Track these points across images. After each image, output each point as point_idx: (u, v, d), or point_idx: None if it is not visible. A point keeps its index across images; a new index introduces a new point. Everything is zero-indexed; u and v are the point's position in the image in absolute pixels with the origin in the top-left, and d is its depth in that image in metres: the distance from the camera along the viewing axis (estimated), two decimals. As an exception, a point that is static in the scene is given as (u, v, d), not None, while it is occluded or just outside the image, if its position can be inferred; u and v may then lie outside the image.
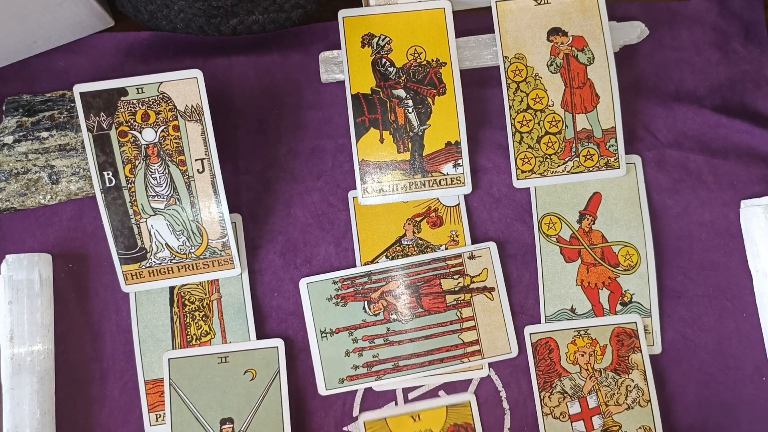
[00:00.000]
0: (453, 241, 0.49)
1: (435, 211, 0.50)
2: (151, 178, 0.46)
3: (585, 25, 0.49)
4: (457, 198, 0.50)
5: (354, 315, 0.48)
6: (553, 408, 0.48)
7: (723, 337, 0.50)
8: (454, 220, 0.50)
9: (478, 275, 0.49)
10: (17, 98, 0.50)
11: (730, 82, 0.53)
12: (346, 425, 0.49)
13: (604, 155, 0.49)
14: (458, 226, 0.50)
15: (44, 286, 0.48)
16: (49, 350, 0.47)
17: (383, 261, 0.49)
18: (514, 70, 0.49)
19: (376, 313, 0.47)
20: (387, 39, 0.49)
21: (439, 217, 0.50)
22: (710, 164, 0.52)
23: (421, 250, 0.49)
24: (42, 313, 0.47)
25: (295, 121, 0.52)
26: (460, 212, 0.50)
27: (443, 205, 0.50)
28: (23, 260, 0.47)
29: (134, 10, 0.49)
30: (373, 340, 0.47)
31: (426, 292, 0.48)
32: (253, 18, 0.49)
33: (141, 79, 0.45)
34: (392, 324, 0.48)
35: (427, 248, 0.49)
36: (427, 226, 0.50)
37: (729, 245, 0.51)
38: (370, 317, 0.48)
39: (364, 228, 0.50)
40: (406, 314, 0.48)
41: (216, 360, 0.48)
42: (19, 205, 0.49)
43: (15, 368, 0.46)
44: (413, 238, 0.49)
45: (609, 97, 0.49)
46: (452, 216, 0.50)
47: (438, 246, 0.49)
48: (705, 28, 0.53)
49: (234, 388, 0.48)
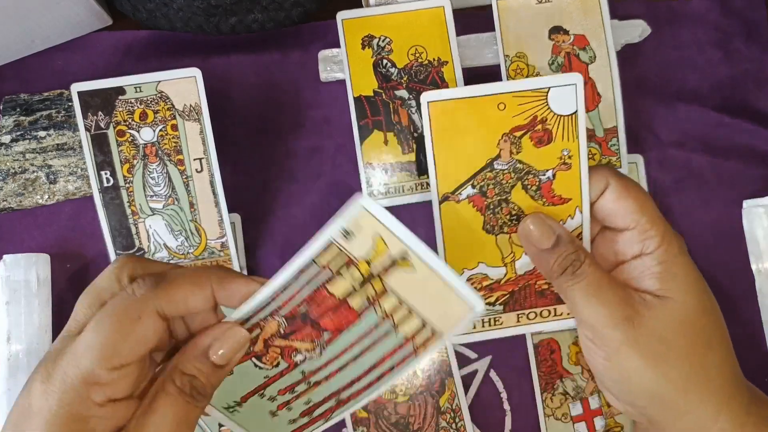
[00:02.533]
0: (564, 164, 0.37)
1: (543, 123, 0.37)
2: (149, 177, 0.46)
3: (586, 24, 0.49)
4: (575, 102, 0.37)
5: (250, 377, 0.36)
6: (555, 409, 0.48)
7: (725, 337, 0.50)
8: (567, 134, 0.37)
9: (372, 252, 0.33)
10: (14, 97, 0.50)
11: (732, 81, 0.52)
12: (345, 427, 0.49)
13: (606, 155, 0.49)
14: (573, 143, 0.37)
15: (42, 287, 0.47)
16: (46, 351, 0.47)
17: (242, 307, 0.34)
18: (515, 69, 0.49)
19: (275, 364, 0.35)
20: (387, 40, 0.49)
21: (547, 131, 0.37)
22: (712, 164, 0.51)
23: (519, 176, 0.37)
24: (39, 313, 0.47)
25: (294, 121, 0.51)
26: (577, 123, 0.37)
27: (554, 113, 0.37)
28: (21, 260, 0.47)
29: (133, 9, 0.49)
30: (293, 389, 0.35)
31: (318, 313, 0.34)
32: (253, 16, 0.49)
33: (139, 78, 0.45)
34: (304, 365, 0.35)
35: (528, 174, 0.37)
36: (531, 143, 0.37)
37: (731, 245, 0.51)
38: (272, 371, 0.35)
39: (443, 147, 0.37)
40: (311, 349, 0.35)
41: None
42: (16, 205, 0.49)
43: (12, 369, 0.45)
44: (510, 161, 0.37)
45: (610, 96, 0.48)
46: (566, 128, 0.37)
47: (543, 171, 0.37)
48: (707, 27, 0.53)
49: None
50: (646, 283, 0.35)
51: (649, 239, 0.34)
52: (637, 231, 0.35)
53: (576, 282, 0.34)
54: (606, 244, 0.37)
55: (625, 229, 0.35)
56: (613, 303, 0.33)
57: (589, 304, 0.34)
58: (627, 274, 0.36)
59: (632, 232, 0.35)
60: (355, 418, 0.48)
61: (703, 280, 0.36)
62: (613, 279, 0.35)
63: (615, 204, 0.36)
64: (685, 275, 0.35)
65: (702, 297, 0.35)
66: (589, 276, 0.34)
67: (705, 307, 0.35)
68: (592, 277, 0.34)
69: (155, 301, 0.29)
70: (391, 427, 0.48)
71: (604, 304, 0.33)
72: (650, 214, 0.35)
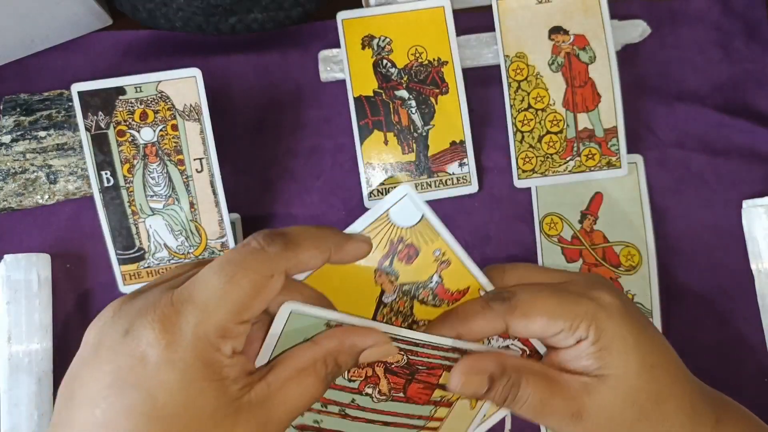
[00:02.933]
0: (443, 263, 0.35)
1: (401, 241, 0.35)
2: (150, 177, 0.46)
3: (586, 24, 0.49)
4: (418, 212, 0.34)
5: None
6: (555, 410, 0.48)
7: (724, 338, 0.50)
8: (428, 238, 0.35)
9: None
10: (15, 97, 0.50)
11: (732, 81, 0.52)
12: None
13: (606, 155, 0.49)
14: (438, 241, 0.35)
15: (42, 287, 0.47)
16: (47, 351, 0.47)
17: (402, 330, 0.33)
18: (515, 69, 0.49)
19: (353, 379, 0.34)
20: (387, 40, 0.49)
21: (410, 246, 0.35)
22: (712, 164, 0.51)
23: (411, 296, 0.35)
24: (40, 313, 0.47)
25: (294, 120, 0.51)
26: (431, 224, 0.35)
27: (404, 228, 0.35)
28: (21, 260, 0.47)
29: (132, 9, 0.49)
30: (326, 405, 0.34)
31: (421, 380, 0.35)
32: (252, 16, 0.49)
33: (139, 78, 0.45)
34: (361, 398, 0.35)
35: (418, 289, 0.35)
36: (402, 264, 0.35)
37: (731, 245, 0.51)
38: (343, 380, 0.34)
39: (338, 303, 0.34)
40: (383, 394, 0.35)
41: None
42: (16, 205, 0.49)
43: (12, 369, 0.45)
44: (396, 288, 0.35)
45: (610, 96, 0.48)
46: (423, 234, 0.35)
47: (429, 279, 0.35)
48: (707, 26, 0.53)
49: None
50: (583, 364, 0.34)
51: (578, 330, 0.34)
52: (564, 333, 0.34)
53: (520, 407, 0.35)
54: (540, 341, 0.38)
55: (552, 335, 0.35)
56: (558, 409, 0.34)
57: (538, 418, 0.35)
58: (563, 357, 0.35)
59: (560, 334, 0.34)
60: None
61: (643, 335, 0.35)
62: (552, 384, 0.34)
63: (527, 331, 0.34)
64: (622, 343, 0.34)
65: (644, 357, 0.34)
66: (530, 397, 0.34)
67: (649, 365, 0.34)
68: (533, 397, 0.34)
69: (286, 262, 0.30)
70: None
71: (551, 414, 0.34)
72: (566, 313, 0.34)
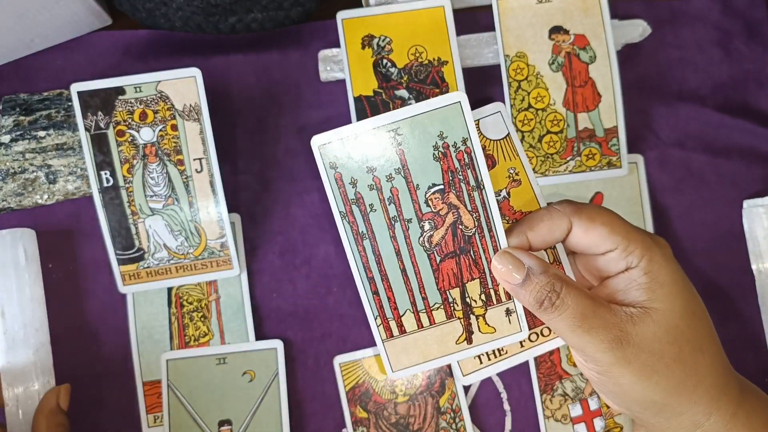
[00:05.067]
0: (514, 181, 0.39)
1: (483, 149, 0.38)
2: (149, 177, 0.46)
3: (587, 24, 0.49)
4: (505, 130, 0.39)
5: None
6: (555, 411, 0.48)
7: (725, 337, 0.49)
8: (508, 155, 0.39)
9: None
10: (14, 97, 0.50)
11: (732, 81, 0.52)
12: (344, 427, 0.48)
13: (606, 155, 0.49)
14: (516, 160, 0.39)
15: (30, 261, 0.48)
16: (43, 323, 0.48)
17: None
18: (515, 69, 0.49)
19: (429, 206, 0.37)
20: (387, 39, 0.49)
21: (490, 156, 0.39)
22: (713, 164, 0.51)
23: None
24: (30, 286, 0.47)
25: (294, 120, 0.51)
26: (513, 143, 0.39)
27: (489, 139, 0.39)
28: (6, 236, 0.47)
29: (132, 9, 0.49)
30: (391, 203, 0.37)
31: (460, 264, 0.38)
32: (252, 16, 0.49)
33: (139, 78, 0.45)
34: (415, 226, 0.37)
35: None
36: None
37: (731, 245, 0.51)
38: (425, 205, 0.37)
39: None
40: (431, 241, 0.38)
41: (214, 361, 0.48)
42: (16, 204, 0.49)
43: (9, 342, 0.46)
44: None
45: (611, 96, 0.48)
46: (504, 150, 0.39)
47: (498, 192, 0.38)
48: (707, 26, 0.53)
49: (233, 390, 0.47)
50: (632, 295, 0.35)
51: (631, 255, 0.34)
52: (618, 251, 0.35)
53: (558, 314, 0.34)
54: (588, 262, 0.38)
55: (606, 252, 0.35)
56: (599, 329, 0.33)
57: (575, 335, 0.34)
58: (612, 288, 0.35)
59: (614, 253, 0.35)
60: (355, 418, 0.48)
61: (689, 284, 0.36)
62: (596, 303, 0.34)
63: (586, 237, 0.35)
64: (672, 282, 0.35)
65: (689, 302, 0.35)
66: (571, 306, 0.34)
67: (692, 311, 0.35)
68: (573, 308, 0.34)
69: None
70: (391, 428, 0.48)
71: (590, 332, 0.33)
72: (625, 232, 0.35)
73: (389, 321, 0.37)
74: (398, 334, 0.37)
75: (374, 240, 0.37)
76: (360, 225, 0.37)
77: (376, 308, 0.37)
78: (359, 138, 0.36)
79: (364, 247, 0.37)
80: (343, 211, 0.37)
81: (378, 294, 0.37)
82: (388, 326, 0.37)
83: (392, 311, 0.37)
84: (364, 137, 0.36)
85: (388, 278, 0.37)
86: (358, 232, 0.37)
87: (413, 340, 0.38)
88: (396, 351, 0.38)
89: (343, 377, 0.48)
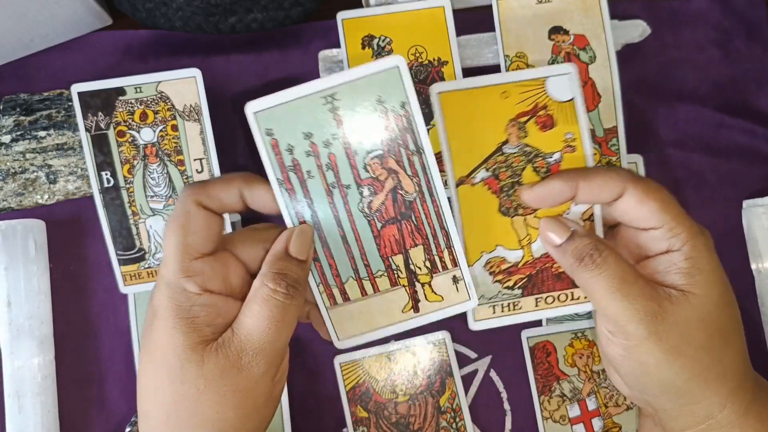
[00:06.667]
0: (569, 146, 0.39)
1: (544, 108, 0.39)
2: (150, 178, 0.46)
3: (586, 24, 0.49)
4: (571, 93, 0.39)
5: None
6: (553, 412, 0.48)
7: (724, 337, 0.50)
8: (568, 119, 0.39)
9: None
10: (14, 97, 0.50)
11: (732, 81, 0.52)
12: (345, 427, 0.49)
13: (606, 155, 0.49)
14: (574, 126, 0.39)
15: (39, 253, 0.48)
16: (47, 315, 0.48)
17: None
18: (515, 69, 0.49)
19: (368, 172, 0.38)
20: (387, 40, 0.49)
21: (550, 116, 0.39)
22: (712, 164, 0.51)
23: (529, 159, 0.39)
24: (38, 278, 0.47)
25: (294, 121, 0.51)
26: (576, 108, 0.39)
27: (553, 100, 0.39)
28: (17, 226, 0.47)
29: (132, 9, 0.49)
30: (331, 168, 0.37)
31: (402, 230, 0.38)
32: (252, 16, 0.49)
33: (139, 78, 0.45)
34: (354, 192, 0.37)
35: (537, 157, 0.39)
36: (536, 128, 0.39)
37: (731, 245, 0.51)
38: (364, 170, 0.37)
39: (455, 133, 0.39)
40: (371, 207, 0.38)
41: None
42: (16, 205, 0.49)
43: (14, 333, 0.46)
44: (519, 145, 0.39)
45: (610, 96, 0.48)
46: (566, 113, 0.39)
47: (551, 154, 0.39)
48: (707, 26, 0.53)
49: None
50: (671, 278, 0.34)
51: (675, 237, 0.34)
52: (664, 230, 0.35)
53: (598, 273, 0.33)
54: (628, 239, 0.37)
55: (650, 228, 0.35)
56: (638, 297, 0.33)
57: (613, 298, 0.33)
58: (652, 268, 0.35)
59: (659, 231, 0.35)
60: (355, 418, 0.48)
61: (725, 277, 0.36)
62: (638, 272, 0.34)
63: (636, 208, 0.35)
64: (711, 271, 0.35)
65: (724, 293, 0.35)
66: (612, 267, 0.33)
67: (726, 301, 0.35)
68: (615, 268, 0.33)
69: (193, 196, 0.34)
70: (391, 427, 0.48)
71: (629, 299, 0.33)
72: (675, 213, 0.35)
73: (332, 288, 0.37)
74: (342, 301, 0.37)
75: (312, 207, 0.37)
76: (298, 192, 0.37)
77: (318, 275, 0.37)
78: (295, 103, 0.36)
79: (302, 214, 0.37)
80: (280, 179, 0.36)
81: (319, 260, 0.37)
82: (331, 293, 0.37)
83: (334, 278, 0.37)
84: (301, 103, 0.36)
85: (329, 245, 0.37)
86: (296, 199, 0.37)
87: (358, 308, 0.38)
88: (341, 319, 0.38)
89: (344, 377, 0.48)
